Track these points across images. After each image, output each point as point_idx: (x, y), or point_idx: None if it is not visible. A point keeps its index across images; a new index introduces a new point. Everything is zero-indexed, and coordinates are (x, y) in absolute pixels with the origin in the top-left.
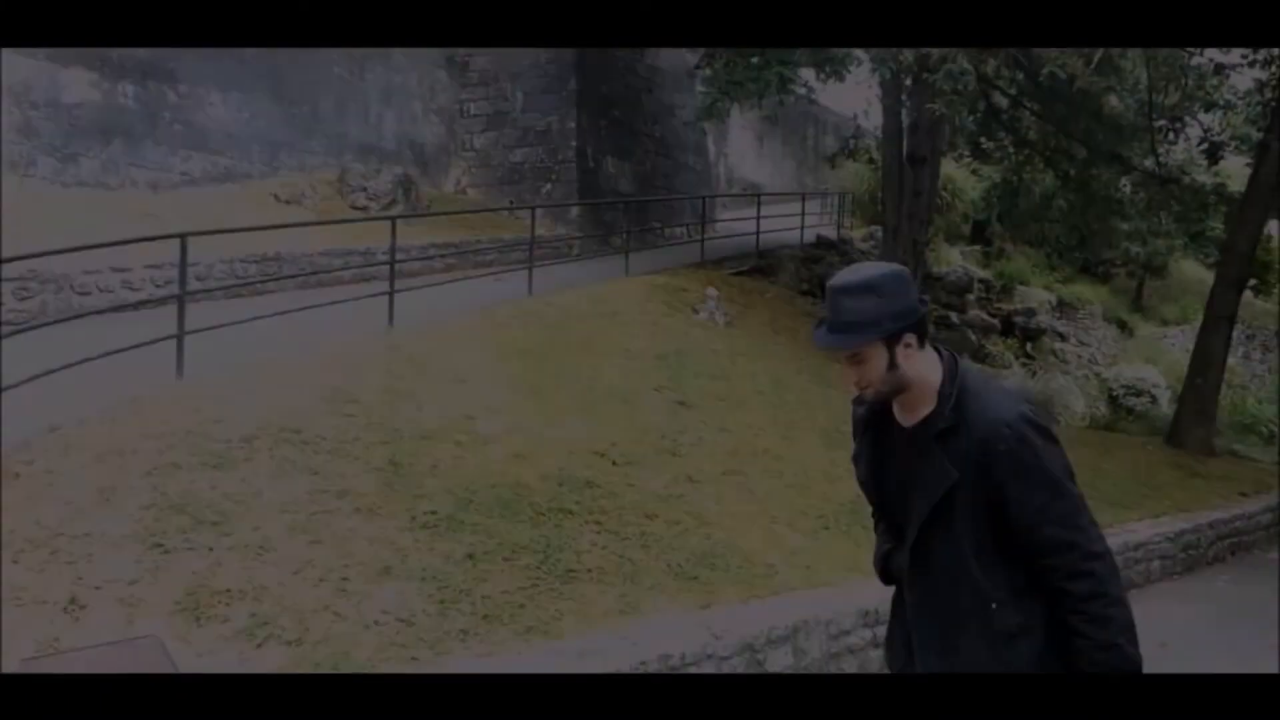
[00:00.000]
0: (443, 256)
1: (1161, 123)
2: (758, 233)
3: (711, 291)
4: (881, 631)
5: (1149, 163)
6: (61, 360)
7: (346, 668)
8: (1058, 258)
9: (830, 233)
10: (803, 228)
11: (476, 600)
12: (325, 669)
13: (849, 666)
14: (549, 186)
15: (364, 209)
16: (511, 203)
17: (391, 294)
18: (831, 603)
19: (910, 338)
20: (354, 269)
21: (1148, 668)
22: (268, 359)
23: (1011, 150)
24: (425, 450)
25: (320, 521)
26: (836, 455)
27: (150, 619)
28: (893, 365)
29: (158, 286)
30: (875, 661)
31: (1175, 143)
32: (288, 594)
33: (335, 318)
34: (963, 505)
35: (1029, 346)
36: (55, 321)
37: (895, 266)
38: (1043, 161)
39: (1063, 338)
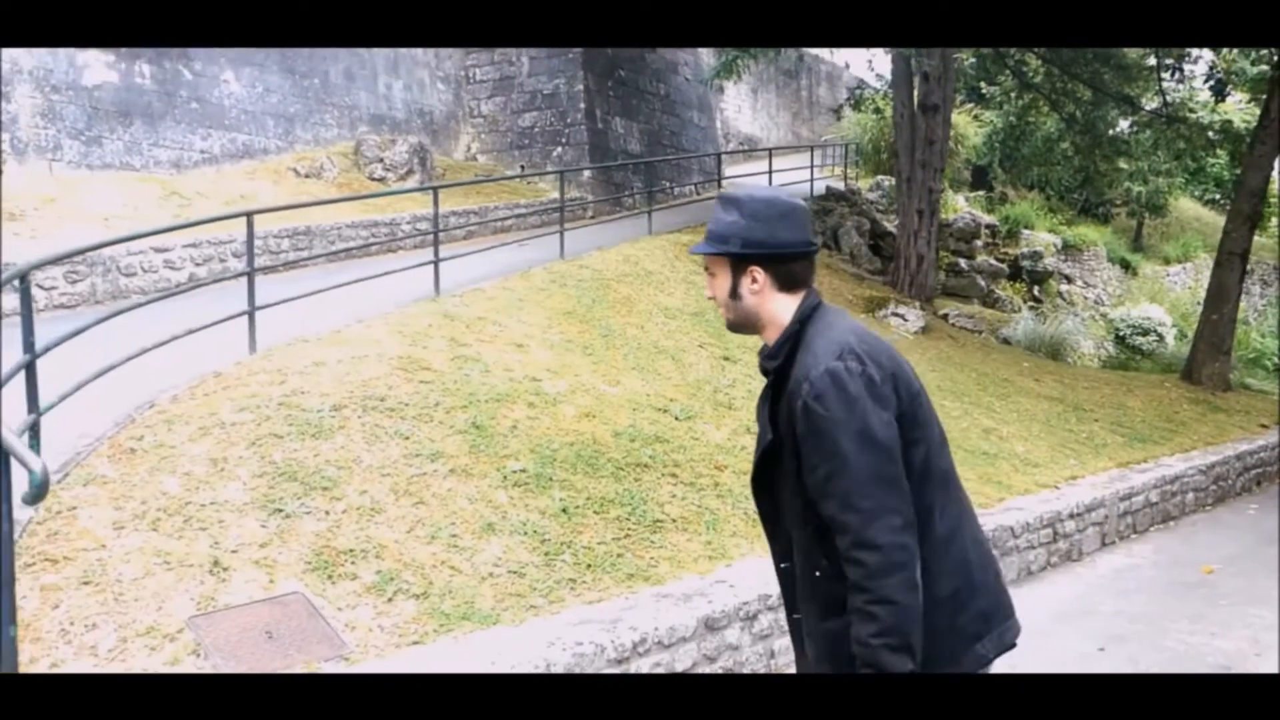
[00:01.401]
0: (480, 223)
1: (1168, 61)
2: (770, 186)
3: None
4: None
5: (1155, 102)
6: (132, 339)
7: (473, 618)
8: (1058, 200)
9: (837, 184)
10: (812, 180)
11: (577, 551)
12: (454, 619)
13: None
14: (559, 149)
15: (381, 180)
16: (524, 168)
17: (436, 263)
18: None
19: (758, 272)
20: (381, 241)
21: (1098, 667)
22: (331, 331)
23: (1015, 94)
24: (501, 412)
25: (420, 483)
26: None
27: (287, 578)
28: (735, 294)
29: (196, 265)
30: None
31: (1182, 81)
32: (405, 551)
33: (380, 288)
34: (786, 466)
35: (1036, 290)
36: (136, 305)
37: (787, 198)
38: (1048, 105)
39: (1069, 280)
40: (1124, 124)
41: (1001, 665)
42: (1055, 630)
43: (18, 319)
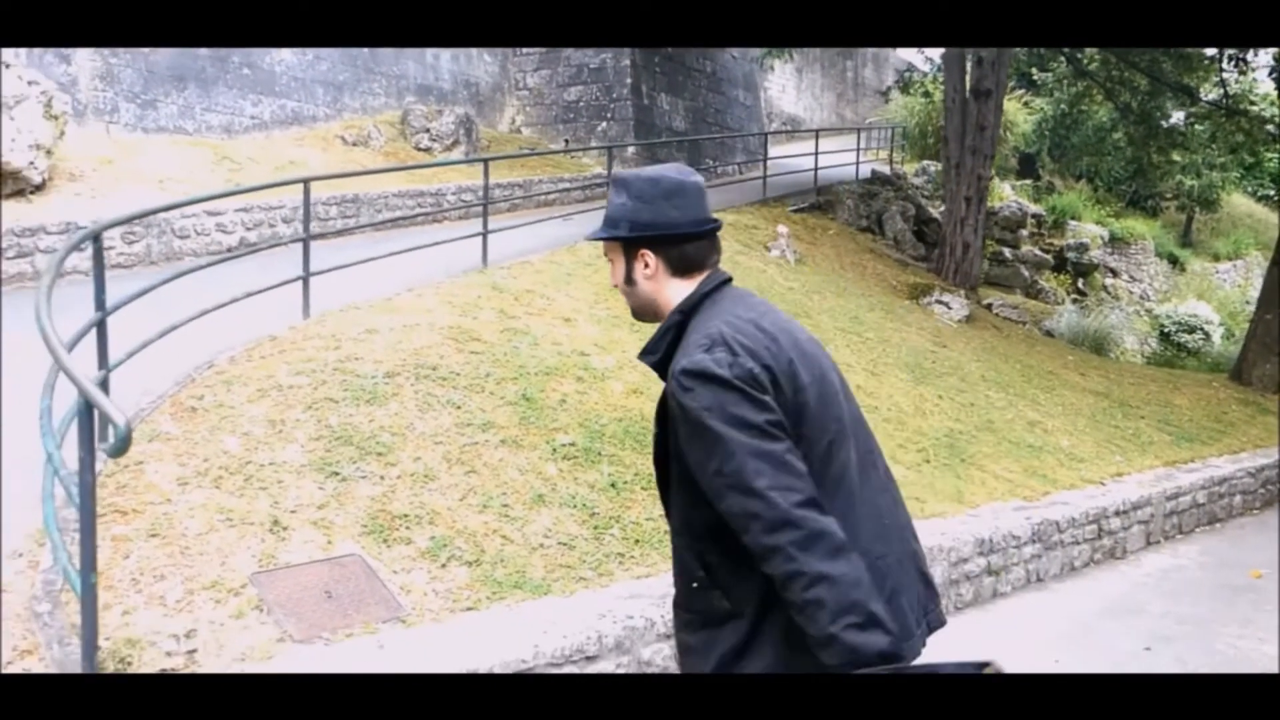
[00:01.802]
0: (524, 196)
1: (1230, 52)
2: (815, 169)
3: (782, 230)
4: (996, 560)
5: (1214, 93)
6: (190, 301)
7: (525, 587)
8: (1106, 191)
9: (882, 169)
10: (858, 163)
11: (626, 526)
12: (506, 588)
13: (966, 593)
14: (604, 124)
15: (427, 150)
16: (568, 142)
17: (485, 235)
18: (950, 531)
19: (649, 255)
20: (426, 211)
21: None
22: (382, 299)
23: (1068, 82)
24: (550, 385)
25: (472, 453)
26: (924, 390)
27: (344, 540)
28: (630, 279)
29: (247, 230)
30: (989, 588)
31: (1245, 73)
32: (458, 519)
33: (429, 258)
34: (673, 469)
35: (1081, 282)
36: (190, 270)
37: (676, 175)
38: (1102, 93)
39: (1114, 273)
40: (1178, 115)
41: (1032, 662)
42: (1100, 627)
43: (77, 277)
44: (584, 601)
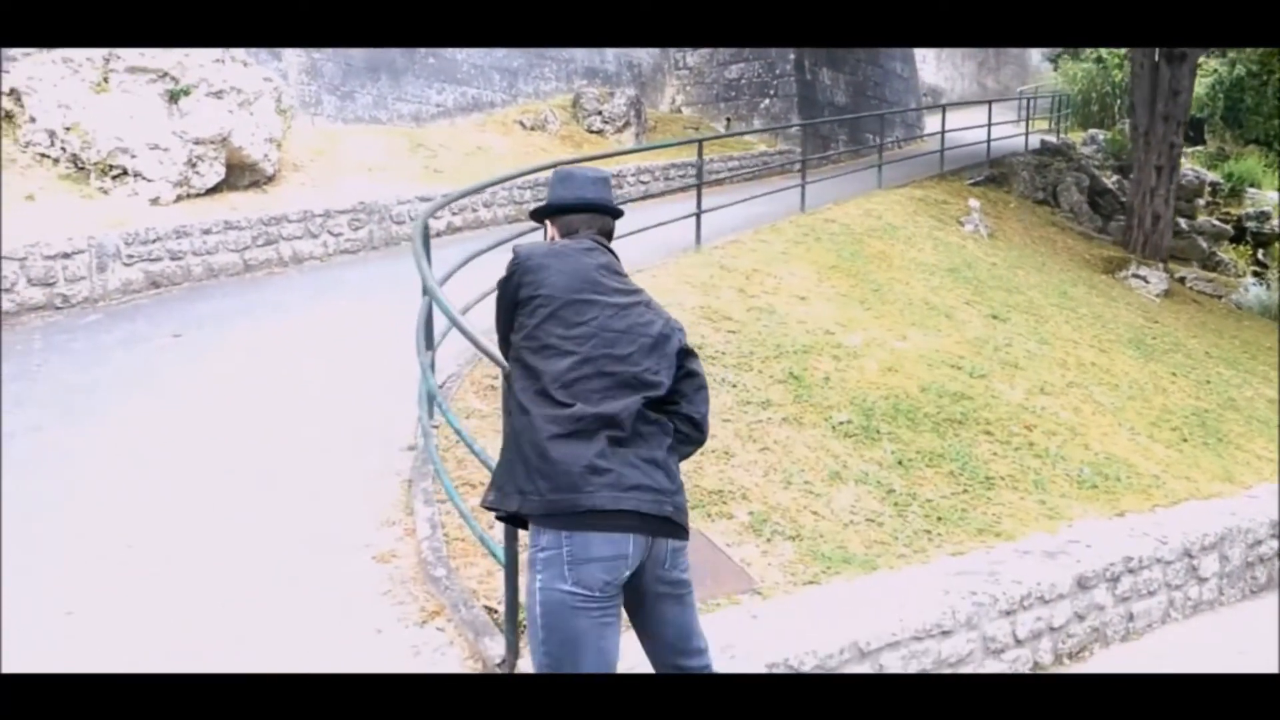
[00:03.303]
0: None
1: None
2: (989, 141)
3: (974, 204)
4: None
5: None
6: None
7: (852, 564)
8: None
9: (1046, 138)
10: (1028, 134)
11: (923, 503)
12: (835, 562)
13: (1260, 575)
14: (766, 101)
15: (599, 132)
16: (729, 120)
17: (699, 215)
18: (1241, 511)
19: (550, 227)
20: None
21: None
22: None
23: None
24: (810, 364)
25: (760, 430)
26: (1155, 368)
27: None
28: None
29: (454, 215)
30: None
31: None
32: (767, 495)
33: (642, 239)
34: None
35: (1260, 253)
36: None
37: (568, 168)
38: None
39: None
40: None
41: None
42: None
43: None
44: (916, 577)
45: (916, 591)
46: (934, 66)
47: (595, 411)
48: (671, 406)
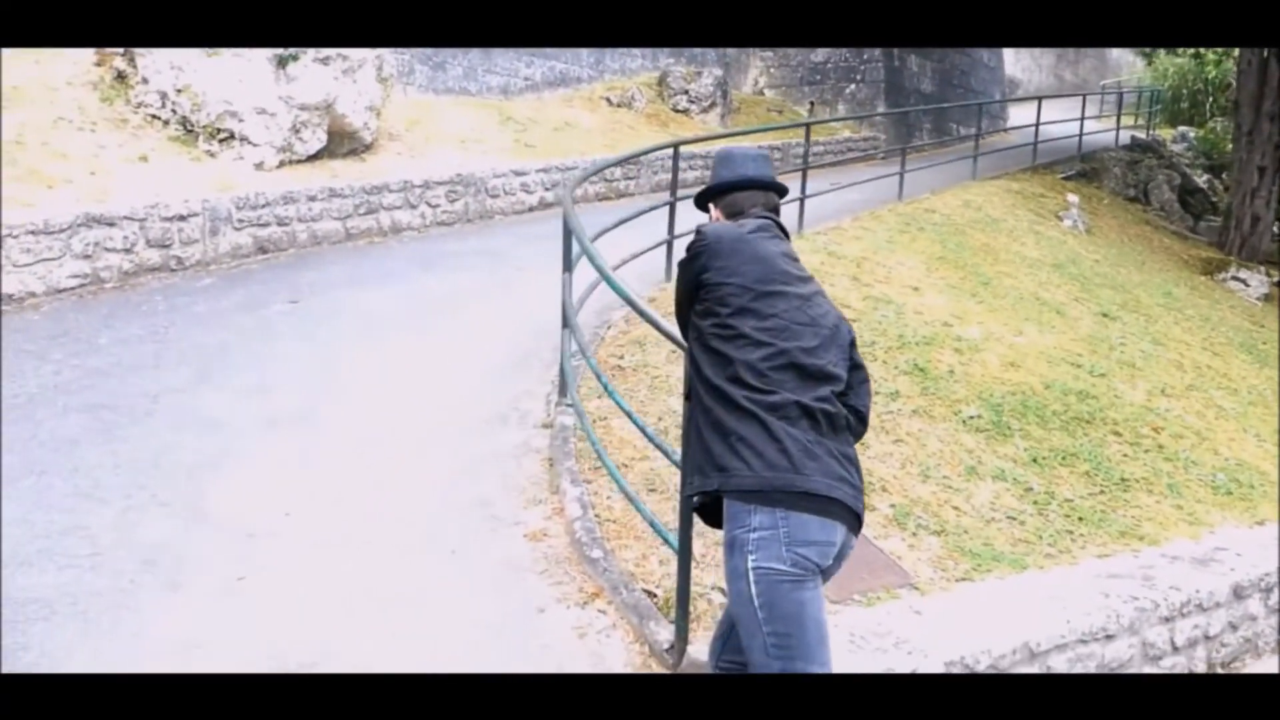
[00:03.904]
0: (780, 159)
1: None
2: (1080, 135)
3: (1073, 199)
4: None
5: None
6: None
7: (1002, 562)
8: None
9: (1140, 135)
10: (1118, 129)
11: (1061, 503)
12: (985, 559)
13: None
14: (852, 86)
15: (685, 111)
16: (813, 104)
17: (803, 199)
18: None
19: (714, 209)
20: (698, 172)
21: None
22: None
23: None
24: (933, 356)
25: (891, 422)
26: (1270, 373)
27: None
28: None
29: (545, 190)
30: None
31: None
32: (907, 488)
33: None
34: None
35: None
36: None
37: (726, 147)
38: None
39: None
40: None
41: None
42: None
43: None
44: (1066, 578)
45: (1073, 593)
46: (1012, 58)
47: (795, 399)
48: (841, 399)
